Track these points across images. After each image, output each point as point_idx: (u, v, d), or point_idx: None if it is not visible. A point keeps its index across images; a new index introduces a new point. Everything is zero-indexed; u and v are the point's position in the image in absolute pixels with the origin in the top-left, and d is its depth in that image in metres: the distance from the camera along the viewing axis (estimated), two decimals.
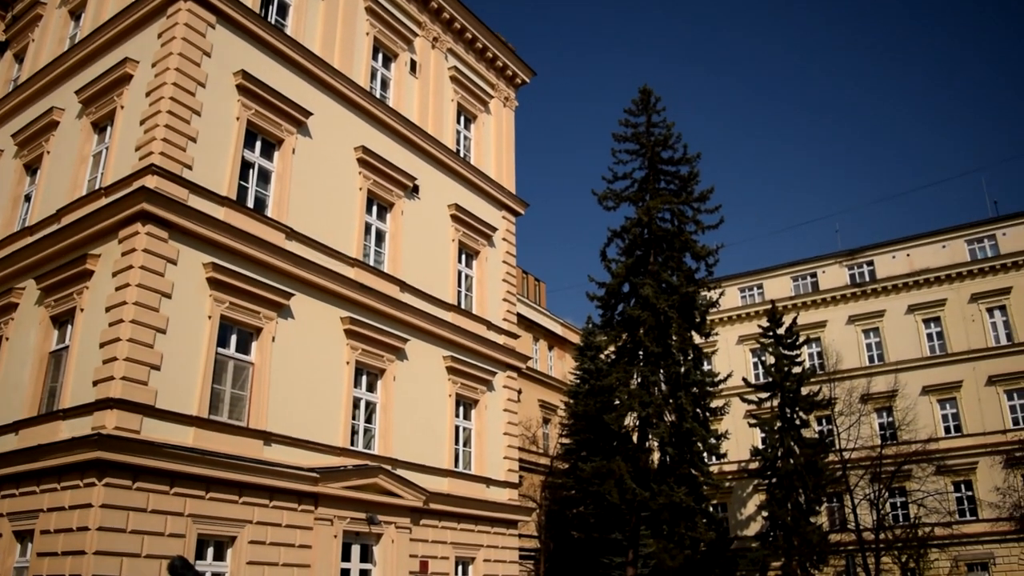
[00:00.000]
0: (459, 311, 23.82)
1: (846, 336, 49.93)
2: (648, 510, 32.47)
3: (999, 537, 42.64)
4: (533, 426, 44.37)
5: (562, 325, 52.06)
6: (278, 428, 17.34)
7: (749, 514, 48.66)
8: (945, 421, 46.53)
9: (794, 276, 53.57)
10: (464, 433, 23.51)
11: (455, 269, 24.29)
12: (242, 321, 17.19)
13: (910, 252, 50.01)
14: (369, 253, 21.37)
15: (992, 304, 46.94)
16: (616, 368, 33.77)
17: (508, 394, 25.35)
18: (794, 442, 40.79)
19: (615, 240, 35.23)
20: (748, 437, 46.90)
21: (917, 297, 48.81)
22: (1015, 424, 44.29)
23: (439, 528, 21.27)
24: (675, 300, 33.29)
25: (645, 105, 36.79)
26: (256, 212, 18.04)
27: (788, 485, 40.02)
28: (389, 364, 20.84)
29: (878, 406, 47.37)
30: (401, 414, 20.91)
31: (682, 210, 35.41)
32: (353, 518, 18.58)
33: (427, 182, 23.69)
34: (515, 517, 24.45)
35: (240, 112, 18.09)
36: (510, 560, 23.84)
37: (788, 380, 41.63)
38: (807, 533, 38.72)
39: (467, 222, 24.90)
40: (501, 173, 27.43)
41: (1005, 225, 48.18)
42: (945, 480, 44.58)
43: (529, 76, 29.51)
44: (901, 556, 41.52)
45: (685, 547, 34.01)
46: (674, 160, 36.14)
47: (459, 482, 22.42)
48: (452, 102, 25.95)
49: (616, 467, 31.40)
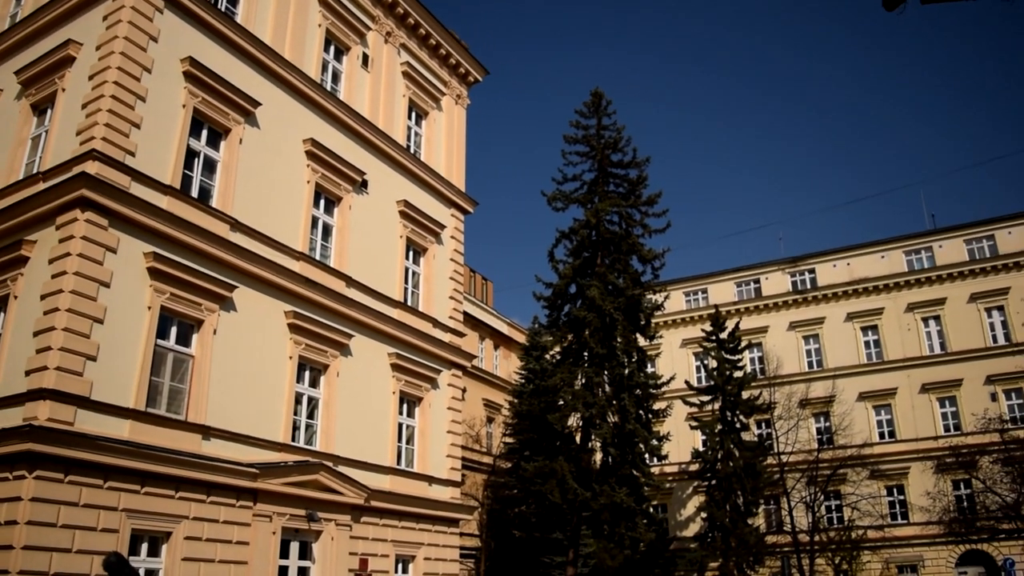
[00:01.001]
0: (405, 308, 23.69)
1: (787, 342, 50.81)
2: (589, 510, 32.66)
3: (928, 540, 43.80)
4: (477, 425, 44.31)
5: (508, 324, 52.10)
6: (218, 422, 17.04)
7: (688, 515, 49.24)
8: (880, 427, 47.64)
9: (738, 282, 54.35)
10: (407, 431, 23.38)
11: (402, 266, 24.15)
12: (183, 313, 16.87)
13: (850, 261, 51.09)
14: (315, 247, 21.14)
15: (927, 314, 48.21)
16: (561, 368, 33.90)
17: (453, 392, 25.29)
18: (734, 445, 41.38)
19: (563, 241, 35.37)
20: (689, 439, 47.44)
21: (856, 305, 49.88)
22: (946, 431, 45.53)
23: (380, 526, 21.12)
24: (621, 302, 33.54)
25: (596, 108, 36.99)
26: (200, 202, 17.72)
27: (727, 487, 40.59)
28: (333, 360, 20.64)
29: (816, 411, 48.29)
30: (344, 410, 20.73)
31: (630, 213, 35.70)
32: (292, 515, 18.36)
33: (376, 177, 23.51)
34: (457, 516, 24.40)
35: (186, 99, 17.75)
36: (451, 559, 23.78)
37: (730, 384, 42.22)
38: (744, 534, 39.32)
39: (415, 219, 24.77)
40: (451, 171, 27.35)
41: (941, 238, 49.56)
42: (878, 484, 45.71)
43: (482, 74, 29.48)
44: (835, 558, 42.40)
45: (625, 547, 34.28)
46: (623, 163, 36.40)
47: (401, 480, 22.29)
48: (404, 98, 25.79)
49: (559, 467, 31.52)
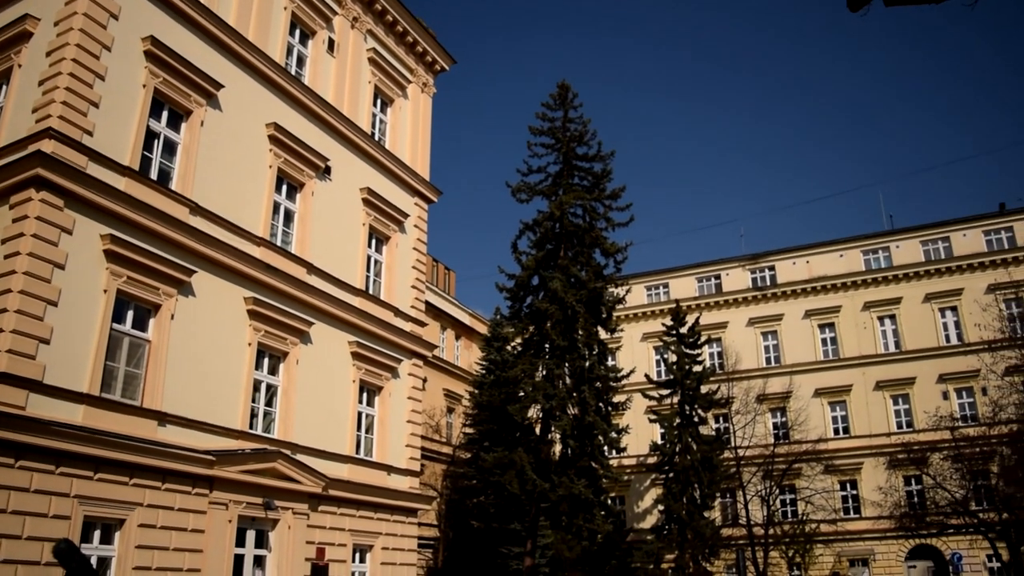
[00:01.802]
0: (367, 296, 23.53)
1: (746, 337, 51.37)
2: (548, 501, 32.78)
3: (880, 534, 44.65)
4: (437, 415, 44.23)
5: (470, 315, 52.03)
6: (174, 408, 16.81)
7: (646, 507, 49.66)
8: (835, 423, 48.41)
9: (699, 277, 54.81)
10: (367, 419, 23.25)
11: (364, 254, 23.97)
12: (140, 297, 16.59)
13: (809, 259, 51.75)
14: (276, 233, 20.90)
15: (883, 313, 49.03)
16: (522, 360, 33.94)
17: (413, 382, 25.19)
18: (692, 438, 41.78)
19: (527, 233, 35.37)
20: (648, 432, 47.81)
21: (814, 303, 50.57)
22: (899, 427, 46.39)
23: (338, 515, 21.00)
24: (583, 295, 33.64)
25: (562, 100, 36.99)
26: (159, 184, 17.41)
27: (684, 480, 41.00)
28: (292, 347, 20.44)
29: (773, 406, 48.93)
30: (303, 398, 20.55)
31: (594, 206, 35.80)
32: (249, 503, 18.18)
33: (340, 164, 23.30)
34: (415, 505, 24.34)
35: (147, 79, 17.42)
36: (408, 548, 23.74)
37: (689, 378, 42.61)
38: (701, 527, 39.77)
39: (379, 207, 24.60)
40: (416, 159, 27.19)
41: (898, 238, 50.42)
42: (832, 479, 46.48)
43: (449, 63, 29.32)
44: (788, 551, 43.05)
45: (583, 538, 34.48)
46: (588, 156, 36.46)
47: (360, 469, 22.18)
48: (369, 84, 25.57)
49: (518, 458, 31.58)
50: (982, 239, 48.39)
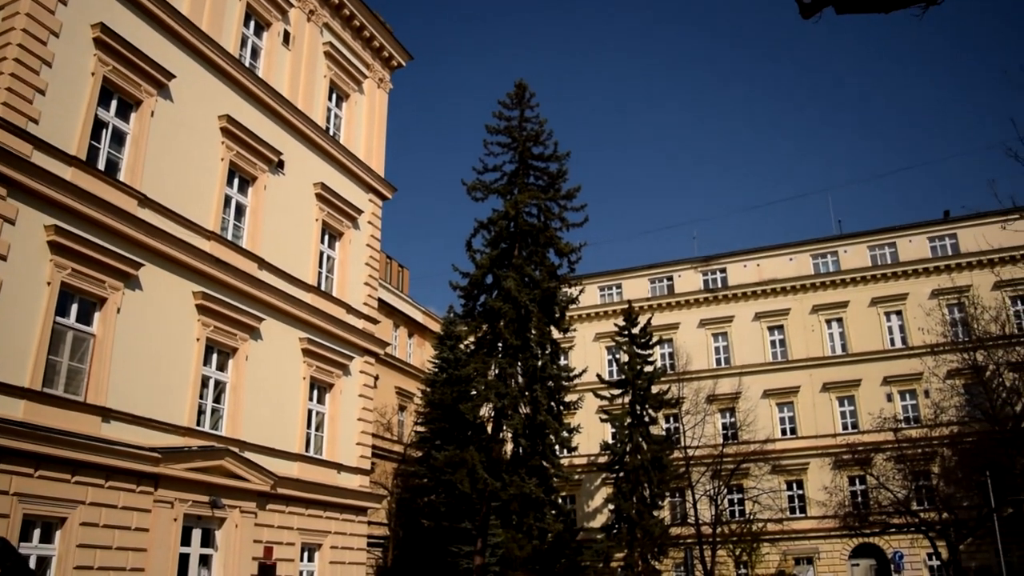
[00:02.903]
0: (319, 293, 23.27)
1: (697, 338, 51.87)
2: (499, 500, 32.78)
3: (824, 533, 45.46)
4: (388, 413, 43.96)
5: (424, 313, 51.80)
6: (119, 404, 16.43)
7: (596, 507, 49.91)
8: (782, 423, 49.15)
9: (652, 278, 55.24)
10: (317, 417, 23.00)
11: (317, 250, 23.70)
12: (85, 290, 16.18)
13: (760, 262, 52.46)
14: (227, 227, 20.55)
15: (831, 316, 49.89)
16: (475, 358, 33.89)
17: (364, 379, 24.98)
18: (642, 438, 42.11)
19: (481, 231, 35.31)
20: (599, 432, 48.02)
21: (764, 305, 51.26)
22: (844, 429, 47.25)
23: (286, 513, 20.73)
24: (537, 294, 33.69)
25: (519, 99, 36.99)
26: (107, 175, 17.01)
27: (635, 479, 41.30)
28: (242, 343, 20.13)
29: (722, 407, 49.51)
30: (252, 395, 20.25)
31: (549, 206, 35.88)
32: (195, 501, 17.85)
33: (293, 158, 23.00)
34: (365, 504, 24.14)
35: (96, 67, 16.99)
36: (358, 547, 23.54)
37: (640, 378, 42.92)
38: (650, 526, 40.10)
39: (332, 202, 24.33)
40: (371, 155, 26.96)
41: (846, 243, 51.37)
42: (779, 479, 47.20)
43: (406, 59, 29.12)
44: (735, 549, 43.60)
45: (533, 537, 34.55)
46: (544, 156, 36.53)
47: (309, 467, 21.92)
48: (325, 78, 25.27)
49: (469, 457, 31.51)
50: (927, 245, 49.52)
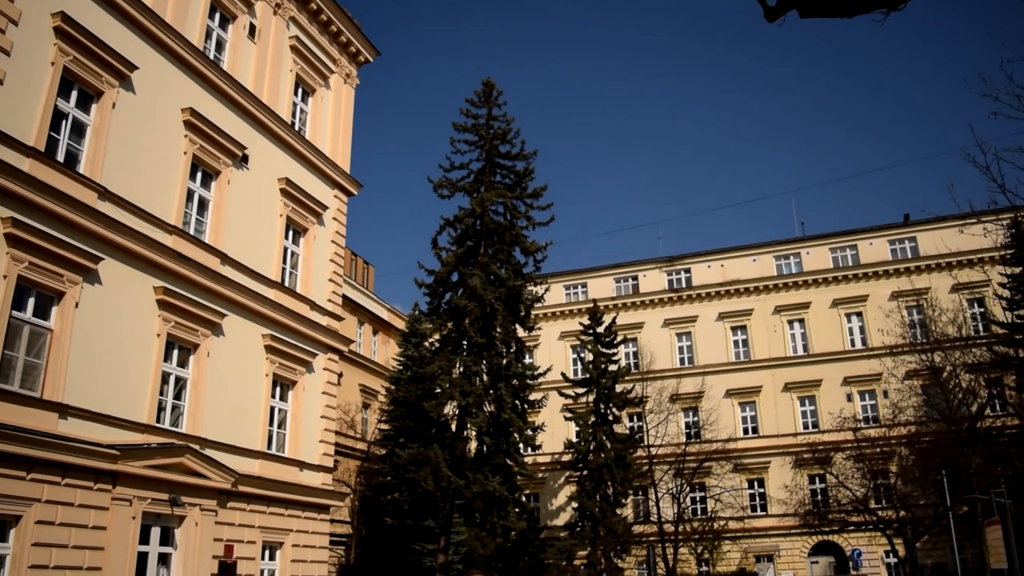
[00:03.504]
0: (282, 289, 23.05)
1: (661, 338, 52.22)
2: (462, 498, 32.75)
3: (784, 531, 46.02)
4: (352, 410, 43.77)
5: (388, 310, 51.61)
6: (76, 401, 16.14)
7: (560, 505, 50.06)
8: (744, 423, 49.66)
9: (617, 278, 55.49)
10: (280, 414, 22.79)
11: (281, 245, 23.48)
12: (42, 283, 15.87)
13: (724, 263, 52.93)
14: (190, 221, 20.28)
15: (792, 317, 50.48)
16: (439, 356, 33.82)
17: (328, 377, 24.81)
18: (606, 437, 42.29)
19: (447, 229, 35.23)
20: (563, 430, 48.18)
21: (727, 306, 51.73)
22: (805, 428, 47.87)
23: (247, 511, 20.52)
24: (502, 293, 33.69)
25: (487, 98, 36.96)
26: (67, 167, 16.69)
27: (598, 478, 41.47)
28: (204, 339, 19.88)
29: (685, 406, 49.90)
30: (213, 392, 20.01)
31: (515, 205, 35.90)
32: (154, 499, 17.60)
33: (258, 153, 22.76)
34: (328, 502, 23.98)
35: (56, 57, 16.67)
36: (320, 545, 23.37)
37: (604, 377, 43.10)
38: (613, 524, 40.28)
39: (297, 198, 24.11)
40: (336, 151, 26.77)
41: (809, 245, 52.00)
42: (741, 477, 47.71)
43: (373, 55, 28.95)
44: (697, 547, 43.98)
45: (497, 535, 34.57)
46: (511, 155, 36.53)
47: (271, 464, 21.72)
48: (291, 73, 25.03)
49: (433, 455, 31.43)
50: (887, 248, 50.28)
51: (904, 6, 5.82)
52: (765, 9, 6.04)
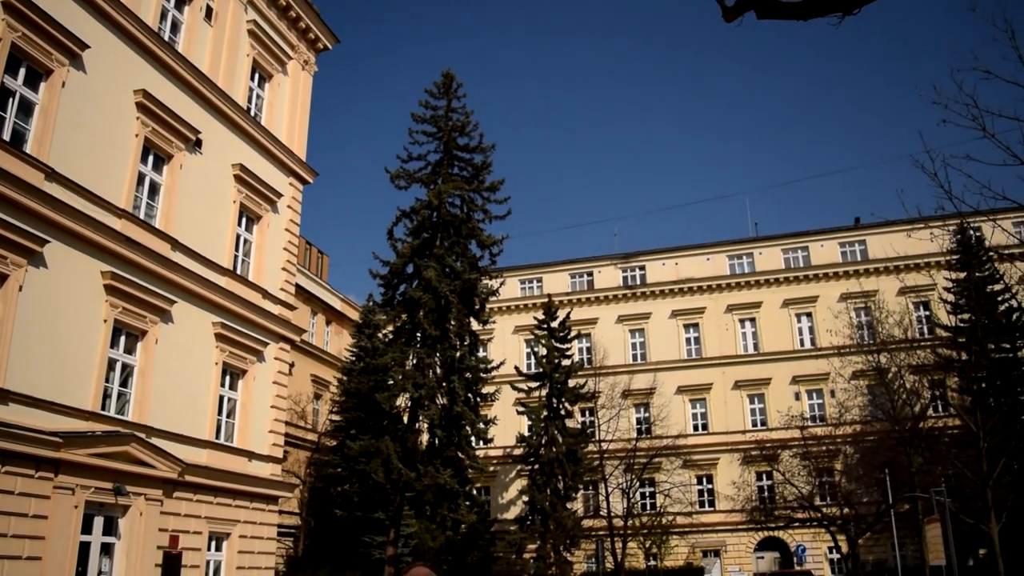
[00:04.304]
0: (234, 276, 22.73)
1: (614, 334, 52.56)
2: (413, 491, 32.69)
3: (731, 527, 46.68)
4: (303, 401, 43.39)
5: (342, 300, 51.24)
6: (18, 386, 15.72)
7: (511, 498, 50.18)
8: (694, 419, 50.24)
9: (572, 273, 55.71)
10: (229, 404, 22.48)
11: (233, 232, 23.13)
12: None
13: (678, 261, 53.43)
14: (140, 205, 19.87)
15: (744, 316, 51.16)
16: (393, 348, 33.70)
17: (279, 366, 24.53)
18: (558, 431, 42.51)
19: (403, 220, 35.10)
20: (515, 424, 48.28)
21: (681, 303, 52.23)
22: (754, 425, 48.59)
23: (194, 502, 20.21)
24: (457, 285, 33.64)
25: (447, 89, 36.85)
26: (12, 146, 16.24)
27: (549, 472, 41.67)
28: (152, 326, 19.52)
29: (637, 402, 50.29)
30: (161, 379, 19.66)
31: (472, 197, 35.87)
32: (98, 488, 17.23)
33: (212, 137, 22.38)
34: (276, 493, 23.74)
35: (4, 33, 16.17)
36: (268, 537, 23.12)
37: (557, 372, 43.29)
38: (563, 518, 40.53)
39: (251, 184, 23.77)
40: (292, 138, 26.43)
41: (762, 245, 52.72)
42: (690, 473, 48.28)
43: (332, 42, 28.63)
44: (646, 542, 44.41)
45: (447, 528, 34.55)
46: (469, 148, 36.48)
47: (219, 454, 21.41)
48: (248, 57, 24.63)
49: (384, 447, 31.33)
50: (838, 250, 51.17)
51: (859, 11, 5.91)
52: (723, 9, 6.09)
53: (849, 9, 5.86)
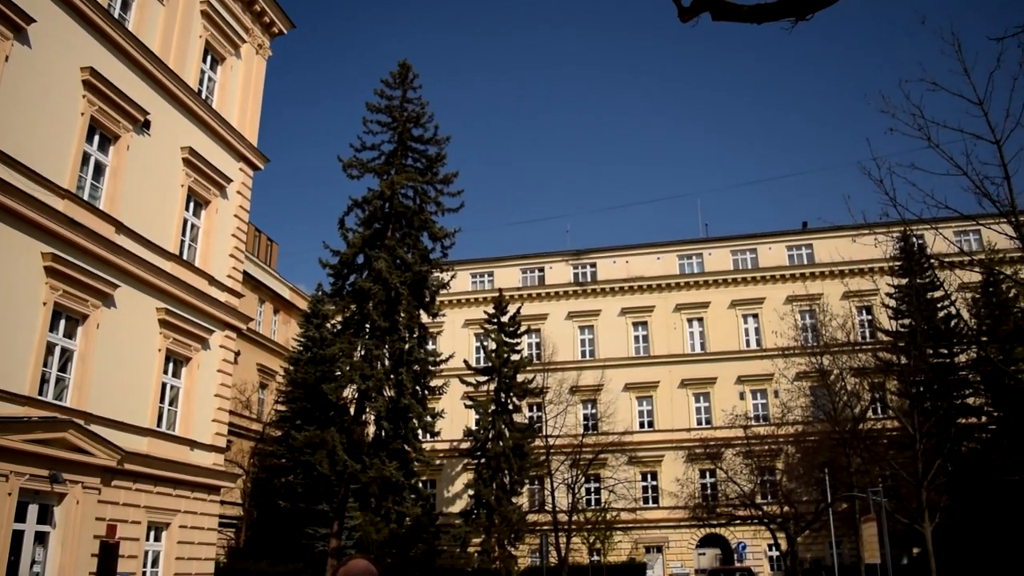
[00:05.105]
0: (180, 262, 22.31)
1: (564, 330, 52.78)
2: (358, 483, 32.46)
3: (674, 523, 47.25)
4: (248, 390, 42.85)
5: (291, 289, 50.69)
6: None
7: (456, 492, 50.15)
8: (641, 417, 50.70)
9: (523, 268, 55.80)
10: (172, 391, 22.07)
11: (181, 217, 22.69)
12: None
13: (629, 259, 53.82)
14: (85, 186, 19.38)
15: (692, 315, 51.74)
16: (341, 339, 33.41)
17: (224, 354, 24.16)
18: (505, 426, 42.58)
19: (355, 210, 34.80)
20: (463, 417, 48.21)
21: (630, 301, 52.64)
22: (698, 424, 49.19)
23: (133, 491, 19.81)
24: (408, 277, 33.47)
25: (403, 79, 36.59)
26: None
27: (496, 466, 41.72)
28: (94, 310, 19.07)
29: (585, 398, 50.57)
30: (102, 365, 19.21)
31: (425, 189, 35.69)
32: (33, 475, 16.78)
33: (161, 119, 21.91)
34: (219, 483, 23.40)
35: None
36: (209, 527, 22.78)
37: (507, 366, 43.35)
38: (508, 512, 40.62)
39: (200, 168, 23.33)
40: (244, 123, 26.00)
41: (711, 246, 53.37)
42: (635, 470, 48.73)
43: (287, 27, 28.23)
44: (589, 537, 44.71)
45: (391, 521, 34.43)
46: (424, 139, 36.29)
47: (160, 443, 21.02)
48: (200, 39, 24.15)
49: (330, 438, 31.06)
50: (785, 253, 52.01)
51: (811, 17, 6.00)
52: (680, 9, 6.12)
53: (802, 14, 5.94)
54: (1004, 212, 15.00)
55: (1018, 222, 15.06)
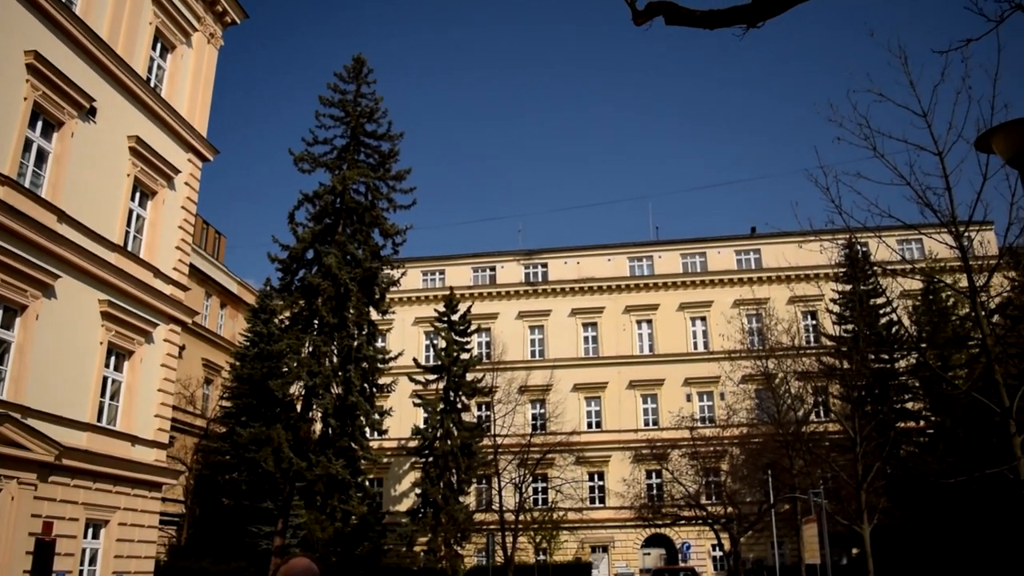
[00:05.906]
0: (124, 253, 21.83)
1: (514, 329, 52.86)
2: (304, 480, 32.13)
3: (620, 523, 47.62)
4: (193, 385, 42.15)
5: (239, 284, 50.01)
6: None
7: (404, 490, 49.91)
8: (589, 417, 51.00)
9: (475, 267, 55.76)
10: (113, 385, 21.58)
11: (126, 207, 22.19)
12: None
13: (580, 260, 54.11)
14: (26, 173, 18.85)
15: (641, 317, 52.17)
16: (289, 334, 33.06)
17: (169, 348, 23.70)
18: (454, 424, 42.50)
19: (306, 204, 34.45)
20: (411, 416, 48.00)
21: (580, 302, 52.91)
22: (646, 425, 49.62)
23: (71, 487, 19.33)
24: (358, 273, 33.25)
25: (357, 74, 36.33)
26: None
27: (443, 465, 41.63)
28: (33, 301, 18.56)
29: (533, 398, 50.70)
30: (40, 357, 18.72)
31: (377, 185, 35.48)
32: None
33: (107, 107, 21.42)
34: (160, 479, 22.96)
35: None
36: (149, 524, 22.33)
37: (456, 365, 43.27)
38: (455, 511, 40.56)
39: (147, 158, 22.86)
40: (194, 113, 25.55)
41: (661, 249, 53.90)
42: (582, 470, 48.99)
43: (240, 17, 27.80)
44: (536, 536, 44.83)
45: (337, 519, 34.14)
46: (377, 135, 36.08)
47: (100, 438, 20.54)
48: (150, 26, 23.65)
49: (275, 435, 30.71)
50: (734, 258, 52.74)
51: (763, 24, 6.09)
52: (633, 12, 6.17)
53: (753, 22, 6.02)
54: (945, 222, 15.40)
55: (958, 232, 15.49)
